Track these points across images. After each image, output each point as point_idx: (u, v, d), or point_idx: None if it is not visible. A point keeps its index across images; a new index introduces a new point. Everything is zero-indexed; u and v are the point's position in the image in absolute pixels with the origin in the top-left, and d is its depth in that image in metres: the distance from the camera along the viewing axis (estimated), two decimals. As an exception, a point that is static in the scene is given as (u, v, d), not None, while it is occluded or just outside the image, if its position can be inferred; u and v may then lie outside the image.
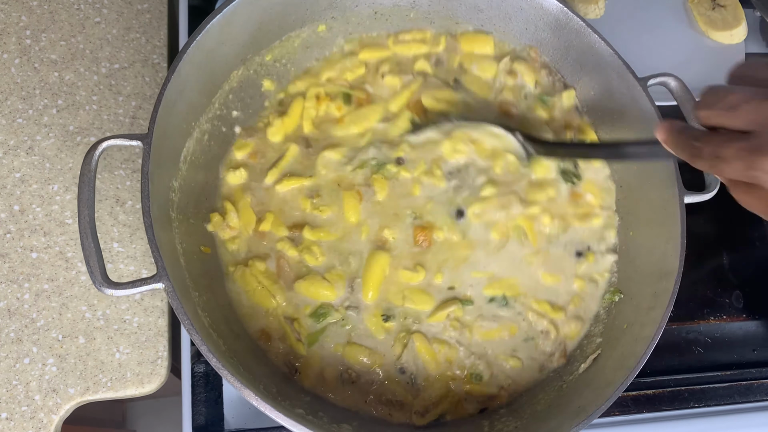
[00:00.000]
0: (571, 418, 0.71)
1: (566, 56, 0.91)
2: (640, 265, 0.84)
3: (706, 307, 1.01)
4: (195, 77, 0.79)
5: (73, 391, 0.84)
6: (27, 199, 0.91)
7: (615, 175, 0.91)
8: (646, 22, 1.16)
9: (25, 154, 0.93)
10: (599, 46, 0.86)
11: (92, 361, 0.85)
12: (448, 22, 0.96)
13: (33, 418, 0.82)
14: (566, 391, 0.80)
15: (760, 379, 0.97)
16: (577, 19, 0.87)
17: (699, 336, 1.00)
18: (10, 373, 0.83)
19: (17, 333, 0.85)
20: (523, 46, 0.95)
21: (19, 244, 0.89)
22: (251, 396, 0.64)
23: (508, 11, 0.92)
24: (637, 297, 0.82)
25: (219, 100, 0.87)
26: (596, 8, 1.11)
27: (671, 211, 0.80)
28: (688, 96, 0.85)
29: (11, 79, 0.97)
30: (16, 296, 0.87)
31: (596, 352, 0.81)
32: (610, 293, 0.86)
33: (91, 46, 1.00)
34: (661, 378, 0.95)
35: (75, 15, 1.02)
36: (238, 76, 0.88)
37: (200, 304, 0.75)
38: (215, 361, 0.64)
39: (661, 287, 0.76)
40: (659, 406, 0.94)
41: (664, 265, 0.77)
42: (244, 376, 0.67)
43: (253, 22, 0.84)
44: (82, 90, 0.97)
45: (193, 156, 0.83)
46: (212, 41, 0.79)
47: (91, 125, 0.95)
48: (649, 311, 0.77)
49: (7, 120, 0.94)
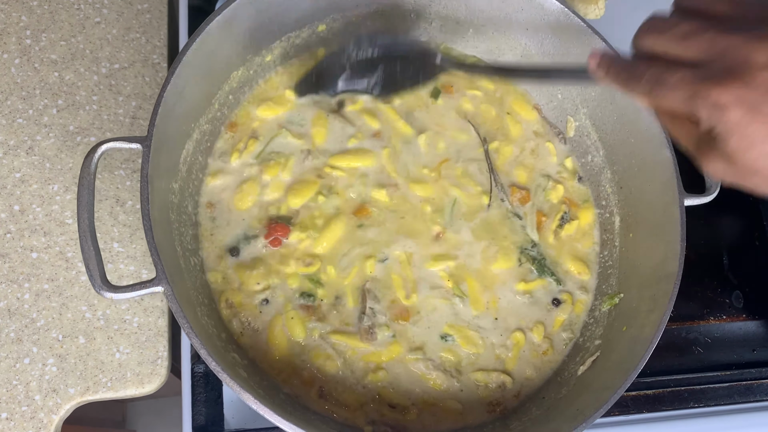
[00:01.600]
0: (569, 421, 0.71)
1: (567, 57, 0.91)
2: (639, 267, 0.84)
3: (706, 307, 1.01)
4: (194, 79, 0.79)
5: (73, 391, 0.84)
6: (27, 199, 0.91)
7: (616, 177, 0.91)
8: (646, 22, 1.16)
9: (25, 154, 0.93)
10: (600, 46, 0.86)
11: (92, 361, 0.85)
12: (448, 22, 0.96)
13: (33, 418, 0.82)
14: (564, 393, 0.80)
15: (760, 379, 0.97)
16: (578, 20, 0.87)
17: (699, 336, 1.00)
18: (10, 373, 0.84)
19: (17, 333, 0.85)
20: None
21: (19, 244, 0.89)
22: (250, 399, 0.64)
23: (509, 11, 0.92)
24: (636, 299, 0.82)
25: (219, 100, 0.87)
26: (596, 8, 1.11)
27: (671, 214, 0.80)
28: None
29: (11, 79, 0.97)
30: (16, 296, 0.87)
31: (595, 354, 0.81)
32: (609, 297, 0.86)
33: (91, 46, 1.00)
34: (661, 378, 0.95)
35: (75, 15, 1.02)
36: (238, 77, 0.88)
37: (200, 305, 0.75)
38: (214, 364, 0.64)
39: (660, 290, 0.76)
40: (659, 406, 0.94)
41: (663, 268, 0.77)
42: (243, 379, 0.67)
43: (252, 22, 0.84)
44: (82, 90, 0.97)
45: (192, 157, 0.83)
46: (212, 43, 0.79)
47: (91, 125, 0.95)
48: (648, 314, 0.77)
49: (7, 120, 0.94)
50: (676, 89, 0.50)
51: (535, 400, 0.82)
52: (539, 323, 0.86)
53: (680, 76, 0.50)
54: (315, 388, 0.79)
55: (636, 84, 0.54)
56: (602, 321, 0.85)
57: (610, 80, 0.57)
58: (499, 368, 0.84)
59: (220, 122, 0.88)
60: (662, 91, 0.51)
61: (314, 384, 0.79)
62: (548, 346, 0.86)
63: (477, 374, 0.83)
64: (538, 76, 0.84)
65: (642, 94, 0.54)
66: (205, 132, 0.86)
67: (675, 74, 0.51)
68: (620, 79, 0.56)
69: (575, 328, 0.88)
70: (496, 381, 0.83)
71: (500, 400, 0.82)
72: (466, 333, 0.84)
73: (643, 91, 0.53)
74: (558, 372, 0.84)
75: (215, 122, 0.87)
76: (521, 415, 0.80)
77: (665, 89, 0.51)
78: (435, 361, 0.82)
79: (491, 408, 0.82)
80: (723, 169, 0.51)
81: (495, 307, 0.86)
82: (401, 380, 0.81)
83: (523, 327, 0.86)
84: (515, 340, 0.85)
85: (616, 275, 0.87)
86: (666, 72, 0.51)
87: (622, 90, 0.56)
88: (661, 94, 0.52)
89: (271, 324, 0.81)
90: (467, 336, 0.84)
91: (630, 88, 0.55)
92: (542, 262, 0.89)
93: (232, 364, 0.72)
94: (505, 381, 0.83)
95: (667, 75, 0.51)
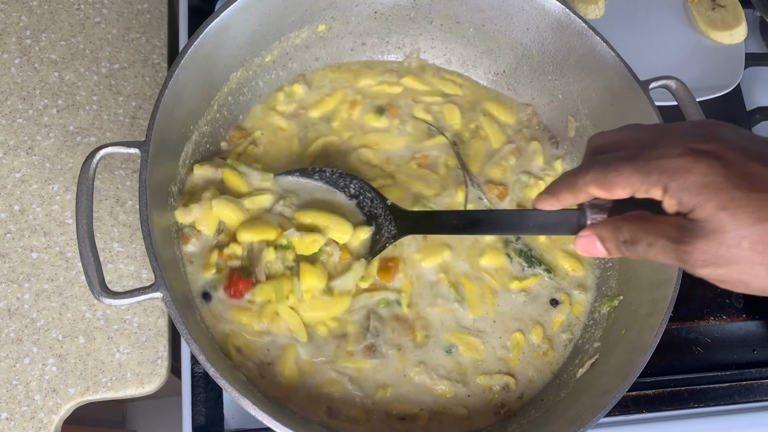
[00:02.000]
0: (568, 424, 0.71)
1: (568, 58, 0.91)
2: (639, 270, 0.84)
3: (706, 307, 1.01)
4: (193, 81, 0.79)
5: (73, 391, 0.84)
6: (27, 199, 0.91)
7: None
8: (646, 22, 1.16)
9: (25, 154, 0.93)
10: (601, 48, 0.86)
11: (92, 361, 0.85)
12: (448, 21, 0.96)
13: (33, 418, 0.82)
14: (563, 396, 0.80)
15: (760, 379, 0.97)
16: (578, 20, 0.87)
17: (699, 336, 1.00)
18: (10, 373, 0.84)
19: (17, 333, 0.85)
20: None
21: (19, 244, 0.89)
22: (249, 405, 0.64)
23: (510, 11, 0.92)
24: (635, 303, 0.82)
25: (218, 102, 0.87)
26: (596, 8, 1.11)
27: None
28: (689, 97, 0.85)
29: (11, 79, 0.97)
30: (16, 296, 0.87)
31: (594, 357, 0.81)
32: (608, 299, 0.86)
33: (91, 46, 1.00)
34: (661, 378, 0.95)
35: (75, 15, 1.02)
36: (237, 78, 0.88)
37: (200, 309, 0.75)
38: (213, 370, 0.64)
39: (660, 294, 0.76)
40: (659, 406, 0.94)
41: (663, 272, 0.77)
42: (242, 384, 0.67)
43: (251, 24, 0.84)
44: (82, 90, 0.97)
45: (192, 159, 0.83)
46: (210, 45, 0.79)
47: (91, 125, 0.96)
48: (647, 317, 0.77)
49: (7, 120, 0.94)
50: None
51: (535, 402, 0.82)
52: (538, 324, 0.86)
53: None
54: (323, 407, 0.79)
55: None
56: (601, 323, 0.85)
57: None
58: (502, 370, 0.84)
59: (219, 124, 0.88)
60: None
61: (322, 403, 0.79)
62: (548, 347, 0.86)
63: (481, 378, 0.83)
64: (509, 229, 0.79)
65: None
66: (205, 134, 0.86)
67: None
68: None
69: (575, 329, 0.88)
70: (499, 383, 0.83)
71: (505, 401, 0.83)
72: (468, 340, 0.84)
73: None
74: (558, 374, 0.84)
75: (214, 124, 0.87)
76: (520, 417, 0.80)
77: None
78: (439, 372, 0.82)
79: (497, 410, 0.82)
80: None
81: (493, 309, 0.86)
82: (409, 394, 0.81)
83: (522, 328, 0.86)
84: (515, 341, 0.85)
85: (616, 277, 0.87)
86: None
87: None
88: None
89: (283, 357, 0.80)
90: (469, 343, 0.84)
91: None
92: (528, 253, 0.89)
93: (232, 368, 0.72)
94: (509, 382, 0.83)
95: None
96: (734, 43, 1.14)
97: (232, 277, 0.78)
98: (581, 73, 0.91)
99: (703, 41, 1.15)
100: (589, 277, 0.90)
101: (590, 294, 0.89)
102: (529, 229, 0.71)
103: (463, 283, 0.87)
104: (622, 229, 0.58)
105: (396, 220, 0.81)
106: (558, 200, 0.63)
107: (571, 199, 0.61)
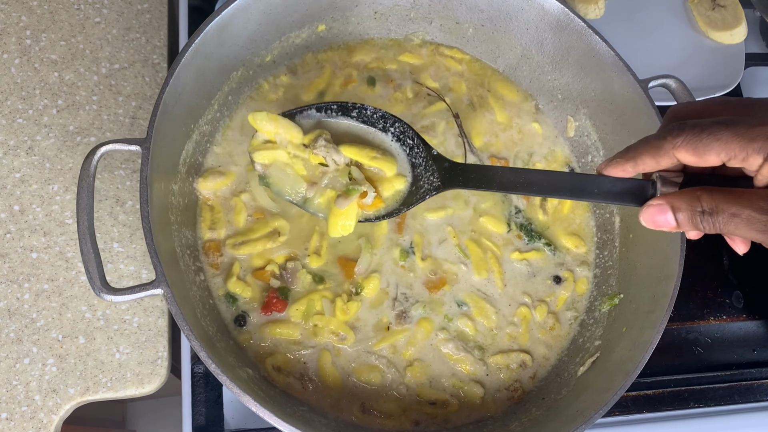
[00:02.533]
0: (569, 422, 0.71)
1: (567, 57, 0.91)
2: (639, 267, 0.84)
3: (706, 308, 1.02)
4: (194, 80, 0.79)
5: (73, 391, 0.84)
6: (27, 199, 0.91)
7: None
8: (646, 22, 1.16)
9: (25, 154, 0.93)
10: (600, 47, 0.86)
11: (92, 361, 0.85)
12: (448, 21, 0.96)
13: (33, 418, 0.82)
14: (564, 394, 0.80)
15: (760, 379, 0.97)
16: (578, 20, 0.87)
17: (699, 336, 1.00)
18: (10, 373, 0.84)
19: (17, 333, 0.85)
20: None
21: (19, 244, 0.89)
22: (250, 401, 0.64)
23: (509, 11, 0.92)
24: (636, 300, 0.82)
25: (218, 101, 0.87)
26: (596, 8, 1.11)
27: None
28: (688, 96, 0.85)
29: (11, 79, 0.97)
30: (16, 296, 0.87)
31: (595, 355, 0.81)
32: (609, 297, 0.86)
33: (91, 46, 1.00)
34: (661, 378, 0.95)
35: (75, 15, 1.02)
36: (237, 77, 0.88)
37: (200, 306, 0.75)
38: (214, 366, 0.64)
39: (660, 291, 0.76)
40: (659, 407, 0.94)
41: (663, 269, 0.77)
42: (242, 381, 0.67)
43: (252, 23, 0.84)
44: (82, 90, 0.97)
45: (192, 158, 0.83)
46: (211, 43, 0.79)
47: (91, 125, 0.95)
48: (648, 315, 0.77)
49: (7, 120, 0.94)
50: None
51: (536, 400, 0.82)
52: (542, 302, 0.88)
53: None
54: (357, 404, 0.80)
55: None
56: (602, 321, 0.85)
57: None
58: (515, 348, 0.85)
59: (219, 123, 0.88)
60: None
61: (357, 399, 0.80)
62: (554, 321, 0.87)
63: (499, 357, 0.84)
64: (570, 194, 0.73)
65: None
66: (205, 133, 0.86)
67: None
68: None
69: (579, 306, 0.89)
70: (516, 361, 0.85)
71: (519, 378, 0.84)
72: (480, 303, 0.86)
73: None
74: (559, 371, 0.84)
75: (215, 123, 0.87)
76: (521, 415, 0.80)
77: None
78: (459, 340, 0.84)
79: (511, 394, 0.83)
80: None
81: (500, 276, 0.88)
82: (434, 369, 0.83)
83: (527, 303, 0.88)
84: (522, 315, 0.87)
85: (616, 275, 0.87)
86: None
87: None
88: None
89: (321, 363, 0.81)
90: (481, 306, 0.86)
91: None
92: (528, 227, 0.91)
93: (233, 366, 0.72)
94: (525, 359, 0.85)
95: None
96: (734, 43, 1.14)
97: (270, 299, 0.81)
98: (581, 72, 0.91)
99: (703, 41, 1.16)
100: (591, 252, 0.92)
101: (592, 269, 0.91)
102: (593, 195, 0.66)
103: (467, 245, 0.88)
104: (702, 198, 0.55)
105: (440, 171, 0.76)
106: (635, 165, 0.60)
107: (651, 165, 0.59)
